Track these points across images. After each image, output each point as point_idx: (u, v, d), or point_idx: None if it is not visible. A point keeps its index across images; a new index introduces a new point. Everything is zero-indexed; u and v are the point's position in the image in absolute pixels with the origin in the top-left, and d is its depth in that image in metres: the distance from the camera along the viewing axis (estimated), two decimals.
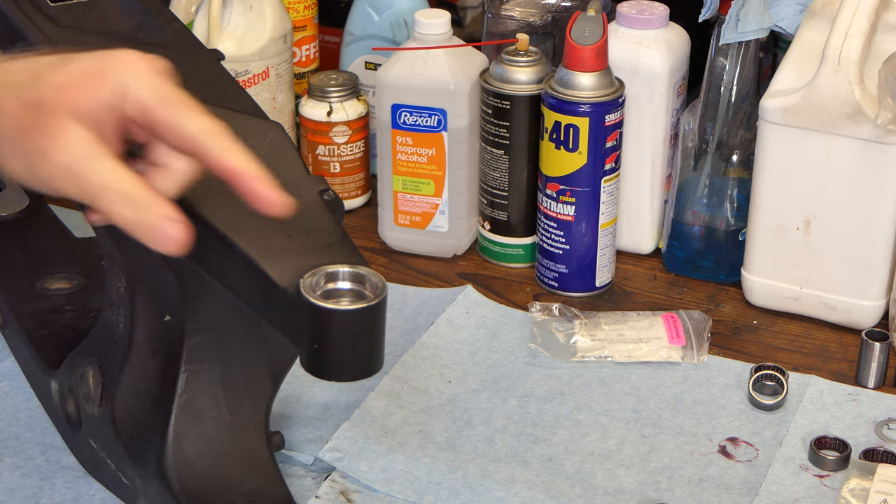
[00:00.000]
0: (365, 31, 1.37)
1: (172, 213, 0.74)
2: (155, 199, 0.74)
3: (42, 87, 0.75)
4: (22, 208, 1.20)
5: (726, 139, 1.20)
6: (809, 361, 1.14)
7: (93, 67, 0.75)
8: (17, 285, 1.11)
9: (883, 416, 1.06)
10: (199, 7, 1.32)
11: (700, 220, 1.23)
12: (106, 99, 0.74)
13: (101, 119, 0.74)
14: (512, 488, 0.98)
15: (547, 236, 1.22)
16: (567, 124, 1.17)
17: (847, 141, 1.10)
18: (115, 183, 0.74)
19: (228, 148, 0.75)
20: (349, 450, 1.00)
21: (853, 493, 0.95)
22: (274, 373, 0.93)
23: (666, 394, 1.09)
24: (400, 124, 1.24)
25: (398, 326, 1.16)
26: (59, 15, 0.95)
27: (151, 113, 0.74)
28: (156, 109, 0.74)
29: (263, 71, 1.32)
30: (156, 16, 0.96)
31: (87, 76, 0.75)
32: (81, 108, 0.74)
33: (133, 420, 0.92)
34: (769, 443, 1.03)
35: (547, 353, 1.13)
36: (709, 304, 1.22)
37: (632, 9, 1.23)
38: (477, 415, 1.06)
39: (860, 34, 1.07)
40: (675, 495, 0.98)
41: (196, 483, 0.90)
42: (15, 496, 0.96)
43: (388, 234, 1.30)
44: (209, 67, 0.93)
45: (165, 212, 0.74)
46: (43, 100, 0.74)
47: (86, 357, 0.96)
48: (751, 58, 1.18)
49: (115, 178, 0.74)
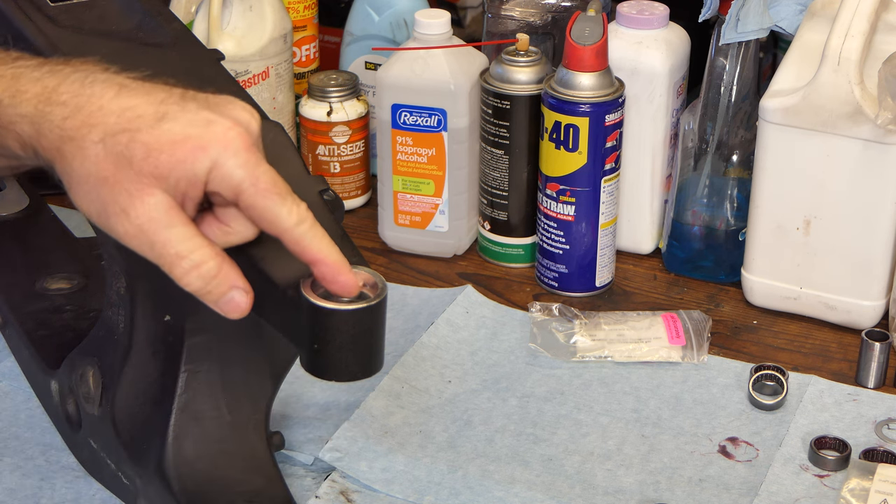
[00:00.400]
0: (365, 31, 1.37)
1: (240, 283, 0.77)
2: (225, 269, 0.76)
3: (134, 146, 0.74)
4: (22, 208, 1.20)
5: (726, 139, 1.20)
6: (809, 361, 1.14)
7: (188, 137, 0.74)
8: (17, 285, 1.11)
9: (883, 416, 1.06)
10: (199, 7, 1.32)
11: (700, 220, 1.23)
12: (196, 174, 0.74)
13: (186, 189, 0.75)
14: (512, 488, 0.98)
15: (547, 236, 1.22)
16: (567, 124, 1.17)
17: (847, 141, 1.10)
18: (189, 252, 0.75)
19: (318, 238, 0.76)
20: (349, 450, 1.00)
21: (853, 493, 0.95)
22: (274, 373, 0.93)
23: (666, 394, 1.09)
24: (400, 124, 1.24)
25: (398, 326, 1.16)
26: (59, 15, 0.95)
27: (244, 196, 0.75)
28: (249, 194, 0.75)
29: (263, 71, 1.33)
30: (156, 16, 0.96)
31: (182, 146, 0.74)
32: (169, 177, 0.74)
33: (133, 420, 0.92)
34: (769, 443, 1.03)
35: (547, 353, 1.13)
36: (709, 304, 1.22)
37: (632, 9, 1.23)
38: (477, 415, 1.06)
39: (860, 34, 1.07)
40: (675, 495, 0.98)
41: (196, 483, 0.90)
42: (15, 496, 0.96)
43: (388, 234, 1.30)
44: (209, 67, 0.93)
45: (235, 283, 0.77)
46: (133, 158, 0.74)
47: (86, 357, 0.96)
48: (751, 58, 1.18)
49: (189, 248, 0.75)
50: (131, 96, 0.76)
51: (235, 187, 0.75)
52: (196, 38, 0.98)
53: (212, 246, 0.76)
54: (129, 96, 0.76)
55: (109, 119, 0.75)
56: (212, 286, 0.76)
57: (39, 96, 0.77)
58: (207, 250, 0.76)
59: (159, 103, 0.76)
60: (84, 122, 0.75)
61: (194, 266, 0.75)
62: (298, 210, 0.76)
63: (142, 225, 0.75)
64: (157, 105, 0.76)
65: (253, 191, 0.75)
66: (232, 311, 0.77)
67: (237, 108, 0.78)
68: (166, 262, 0.76)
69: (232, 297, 0.77)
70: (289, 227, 0.76)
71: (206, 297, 0.77)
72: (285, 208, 0.75)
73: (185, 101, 0.76)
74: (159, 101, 0.76)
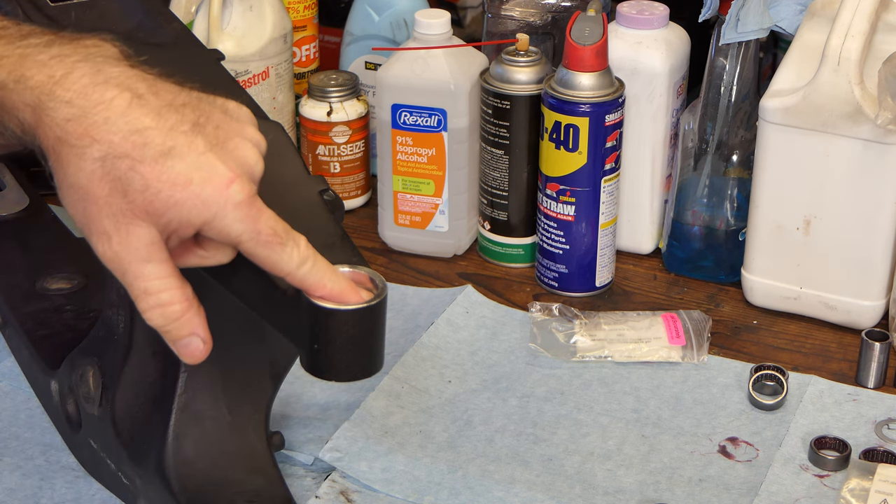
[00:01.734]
0: (365, 31, 1.37)
1: (201, 331, 0.77)
2: (189, 315, 0.76)
3: (133, 175, 0.72)
4: (22, 208, 1.20)
5: (726, 139, 1.20)
6: (809, 361, 1.14)
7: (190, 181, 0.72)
8: (17, 285, 1.11)
9: (883, 416, 1.06)
10: (199, 7, 1.32)
11: (700, 220, 1.23)
12: (191, 221, 0.73)
13: (177, 228, 0.74)
14: (512, 488, 0.97)
15: (547, 236, 1.22)
16: (567, 124, 1.17)
17: (847, 141, 1.10)
18: (158, 291, 0.75)
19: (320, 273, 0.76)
20: (349, 450, 1.00)
21: (853, 493, 0.95)
22: (274, 373, 0.93)
23: (666, 394, 1.09)
24: (400, 124, 1.24)
25: (398, 326, 1.16)
26: (59, 15, 0.95)
27: (244, 246, 0.75)
28: (250, 245, 0.75)
29: (263, 71, 1.33)
30: (156, 16, 0.96)
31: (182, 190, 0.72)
32: (162, 216, 0.73)
33: (133, 420, 0.92)
34: (769, 443, 1.03)
35: (547, 353, 1.13)
36: (709, 304, 1.22)
37: (632, 9, 1.23)
38: (477, 415, 1.06)
39: (860, 34, 1.07)
40: (675, 495, 0.98)
41: (196, 483, 0.90)
42: (15, 496, 0.96)
43: (388, 234, 1.30)
44: (209, 67, 0.93)
45: (195, 330, 0.77)
46: (129, 188, 0.72)
47: (86, 357, 0.96)
48: (751, 58, 1.18)
49: (158, 287, 0.75)
50: (141, 115, 0.73)
51: (234, 239, 0.74)
52: (196, 38, 0.98)
53: (182, 288, 0.76)
54: (139, 114, 0.73)
55: (113, 138, 0.72)
56: (172, 327, 0.76)
57: (43, 86, 0.73)
58: (177, 292, 0.76)
59: (169, 130, 0.73)
60: (86, 132, 0.73)
61: (159, 305, 0.75)
62: (299, 252, 0.75)
63: (119, 253, 0.74)
64: (165, 133, 0.73)
65: (253, 243, 0.74)
66: (187, 356, 0.78)
67: (245, 145, 0.76)
68: (134, 293, 0.75)
69: (189, 342, 0.77)
70: (291, 271, 0.76)
71: (165, 335, 0.77)
72: (286, 254, 0.75)
73: (195, 135, 0.74)
74: (169, 127, 0.73)
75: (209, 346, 0.78)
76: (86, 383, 0.95)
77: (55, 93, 0.73)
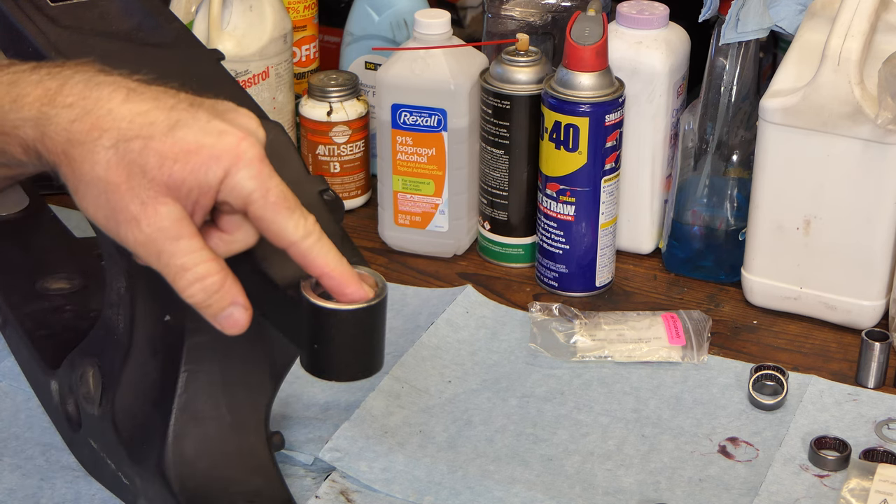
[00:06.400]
0: (365, 31, 1.37)
1: (241, 299, 0.77)
2: (227, 285, 0.77)
3: (147, 153, 0.74)
4: (22, 208, 1.20)
5: (726, 139, 1.20)
6: (809, 361, 1.14)
7: (202, 146, 0.74)
8: (17, 285, 1.11)
9: (883, 416, 1.06)
10: (199, 7, 1.32)
11: (700, 220, 1.23)
12: (209, 183, 0.74)
13: (198, 198, 0.75)
14: (512, 488, 0.98)
15: (547, 236, 1.22)
16: (567, 124, 1.17)
17: (847, 141, 1.10)
18: (195, 264, 0.75)
19: (324, 251, 0.76)
20: (349, 450, 1.00)
21: (853, 493, 0.95)
22: (274, 373, 0.93)
23: (666, 394, 1.09)
24: (400, 124, 1.24)
25: (398, 326, 1.16)
26: (59, 15, 0.95)
27: (253, 207, 0.75)
28: (259, 206, 0.75)
29: (263, 71, 1.33)
30: (156, 16, 0.96)
31: (196, 155, 0.74)
32: (182, 186, 0.74)
33: (133, 420, 0.92)
34: (769, 443, 1.03)
35: (547, 353, 1.13)
36: (709, 304, 1.22)
37: (632, 9, 1.23)
38: (477, 415, 1.06)
39: (860, 34, 1.07)
40: (675, 495, 0.98)
41: (196, 483, 0.90)
42: (15, 496, 0.96)
43: (388, 234, 1.30)
44: (209, 67, 0.93)
45: (235, 299, 0.77)
46: (146, 166, 0.74)
47: (86, 357, 0.96)
48: (751, 58, 1.18)
49: (194, 260, 0.75)
50: (141, 101, 0.76)
51: (246, 198, 0.75)
52: (196, 38, 0.98)
53: (217, 260, 0.76)
54: (139, 101, 0.76)
55: (121, 124, 0.75)
56: (213, 300, 0.77)
57: (42, 98, 0.76)
58: (212, 264, 0.76)
59: (170, 109, 0.75)
60: (94, 125, 0.75)
61: (198, 278, 0.76)
62: (306, 224, 0.76)
63: (151, 234, 0.75)
64: (168, 111, 0.75)
65: (262, 203, 0.75)
66: (230, 327, 0.78)
67: (242, 116, 0.78)
68: (171, 272, 0.76)
69: (231, 312, 0.77)
70: (295, 241, 0.76)
71: (206, 310, 0.77)
72: (292, 222, 0.76)
73: (195, 109, 0.76)
74: (169, 107, 0.76)
75: (250, 312, 0.78)
76: (86, 383, 0.95)
77: (56, 100, 0.76)
